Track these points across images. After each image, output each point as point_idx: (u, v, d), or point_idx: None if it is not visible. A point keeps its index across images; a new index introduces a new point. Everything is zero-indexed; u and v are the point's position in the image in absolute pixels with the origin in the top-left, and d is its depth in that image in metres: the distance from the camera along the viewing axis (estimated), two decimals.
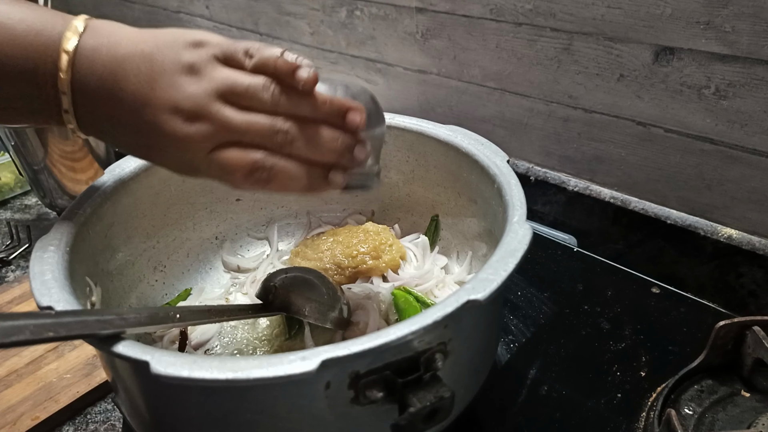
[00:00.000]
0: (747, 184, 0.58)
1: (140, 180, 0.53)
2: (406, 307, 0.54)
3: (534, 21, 0.65)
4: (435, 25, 0.75)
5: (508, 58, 0.70)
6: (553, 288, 0.64)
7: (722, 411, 0.47)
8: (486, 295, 0.34)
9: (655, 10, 0.56)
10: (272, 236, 0.67)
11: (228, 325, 0.55)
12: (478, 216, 0.55)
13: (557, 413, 0.50)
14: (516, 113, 0.73)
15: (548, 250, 0.70)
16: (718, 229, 0.61)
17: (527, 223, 0.41)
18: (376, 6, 0.81)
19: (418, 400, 0.32)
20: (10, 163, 0.86)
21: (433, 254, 0.61)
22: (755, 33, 0.52)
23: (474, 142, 0.53)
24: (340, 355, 0.30)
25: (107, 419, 0.52)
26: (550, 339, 0.57)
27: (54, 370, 0.54)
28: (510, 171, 0.48)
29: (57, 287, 0.37)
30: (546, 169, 0.74)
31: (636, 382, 0.52)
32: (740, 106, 0.55)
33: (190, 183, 0.59)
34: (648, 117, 0.62)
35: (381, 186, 0.52)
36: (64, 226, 0.43)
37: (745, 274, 0.60)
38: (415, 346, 0.34)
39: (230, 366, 0.29)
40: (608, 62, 0.62)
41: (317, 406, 0.34)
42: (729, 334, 0.48)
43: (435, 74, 0.79)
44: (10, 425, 0.49)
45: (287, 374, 0.29)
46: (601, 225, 0.70)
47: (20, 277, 0.70)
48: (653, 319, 0.59)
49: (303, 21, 0.93)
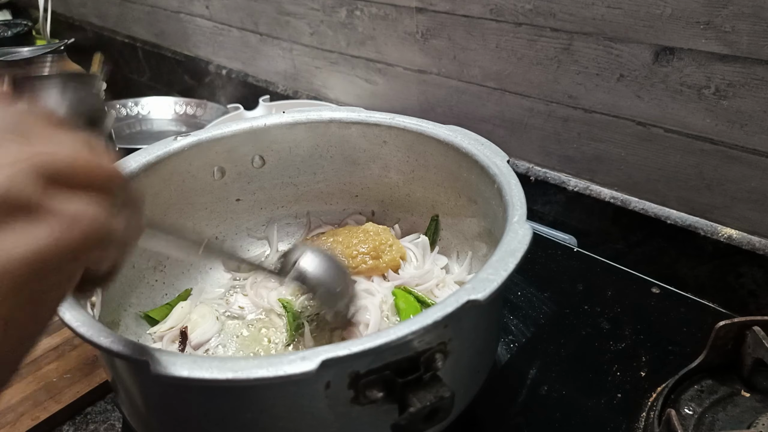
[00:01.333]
0: (747, 184, 0.58)
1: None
2: (406, 306, 0.54)
3: (534, 21, 0.65)
4: (435, 25, 0.75)
5: (508, 58, 0.70)
6: (553, 288, 0.64)
7: (722, 411, 0.47)
8: (486, 295, 0.34)
9: (655, 10, 0.56)
10: (272, 236, 0.66)
11: (229, 325, 0.55)
12: (478, 216, 0.55)
13: (557, 413, 0.50)
14: (516, 113, 0.73)
15: (548, 250, 0.70)
16: (718, 229, 0.61)
17: (527, 223, 0.41)
18: (376, 6, 0.81)
19: (418, 400, 0.32)
20: None
21: (433, 254, 0.61)
22: (755, 33, 0.52)
23: (474, 142, 0.53)
24: (340, 354, 0.30)
25: (107, 419, 0.52)
26: (550, 339, 0.57)
27: (54, 370, 0.54)
28: (510, 171, 0.48)
29: None
30: (546, 169, 0.74)
31: (636, 382, 0.52)
32: (740, 106, 0.55)
33: (190, 183, 0.59)
34: (648, 117, 0.62)
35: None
36: None
37: (745, 274, 0.60)
38: (415, 346, 0.34)
39: (230, 366, 0.29)
40: (608, 62, 0.62)
41: (317, 405, 0.34)
42: (729, 334, 0.48)
43: (435, 74, 0.79)
44: (10, 425, 0.49)
45: (287, 374, 0.29)
46: (601, 225, 0.70)
47: None
48: (653, 319, 0.59)
49: (303, 21, 0.93)
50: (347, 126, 0.61)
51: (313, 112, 0.61)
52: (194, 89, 1.24)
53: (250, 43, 1.06)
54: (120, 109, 1.16)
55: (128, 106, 1.17)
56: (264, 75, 1.09)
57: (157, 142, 0.56)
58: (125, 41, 1.36)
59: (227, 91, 1.17)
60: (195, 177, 0.59)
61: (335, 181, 0.65)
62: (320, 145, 0.63)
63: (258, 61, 1.08)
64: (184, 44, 1.22)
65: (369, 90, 0.90)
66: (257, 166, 0.62)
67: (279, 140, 0.62)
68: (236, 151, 0.60)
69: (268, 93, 1.03)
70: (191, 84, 1.24)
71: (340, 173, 0.65)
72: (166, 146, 0.55)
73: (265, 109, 0.94)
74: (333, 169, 0.64)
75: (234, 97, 1.14)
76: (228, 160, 0.60)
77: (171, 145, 0.56)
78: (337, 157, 0.63)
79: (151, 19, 1.26)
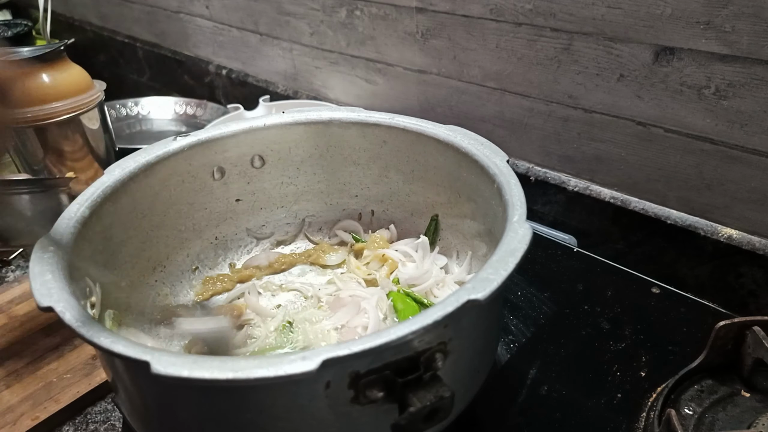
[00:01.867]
0: (747, 184, 0.58)
1: (140, 180, 0.53)
2: (404, 308, 0.54)
3: (534, 21, 0.65)
4: (435, 25, 0.75)
5: (508, 58, 0.70)
6: (553, 288, 0.64)
7: (722, 411, 0.47)
8: (486, 295, 0.34)
9: (655, 10, 0.56)
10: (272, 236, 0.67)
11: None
12: (477, 216, 0.55)
13: (557, 413, 0.50)
14: (516, 113, 0.73)
15: (548, 250, 0.70)
16: (718, 229, 0.61)
17: (527, 223, 0.41)
18: (376, 6, 0.81)
19: (418, 400, 0.32)
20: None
21: (433, 254, 0.61)
22: (755, 33, 0.52)
23: (474, 141, 0.53)
24: (340, 354, 0.30)
25: (107, 419, 0.52)
26: (550, 339, 0.57)
27: (54, 370, 0.54)
28: (510, 171, 0.48)
29: (57, 287, 0.37)
30: (546, 169, 0.74)
31: (636, 382, 0.52)
32: (740, 106, 0.55)
33: (190, 183, 0.59)
34: (648, 117, 0.62)
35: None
36: (64, 227, 0.43)
37: (745, 274, 0.60)
38: (415, 345, 0.34)
39: (230, 366, 0.29)
40: (608, 62, 0.62)
41: (317, 405, 0.34)
42: (729, 334, 0.48)
43: (435, 74, 0.79)
44: (10, 425, 0.49)
45: (287, 374, 0.29)
46: (601, 225, 0.70)
47: (20, 277, 0.70)
48: (653, 319, 0.59)
49: (303, 21, 0.93)
50: (347, 126, 0.61)
51: (312, 112, 0.61)
52: (194, 89, 1.24)
53: (250, 43, 1.06)
54: (120, 109, 1.16)
55: (128, 106, 1.17)
56: (264, 75, 1.09)
57: (156, 142, 0.56)
58: (125, 41, 1.36)
59: (227, 91, 1.17)
60: (195, 177, 0.59)
61: (335, 181, 0.65)
62: (320, 145, 0.63)
63: (258, 61, 1.08)
64: (184, 44, 1.22)
65: (369, 90, 0.90)
66: (257, 166, 0.62)
67: (279, 140, 0.62)
68: (236, 151, 0.60)
69: (268, 93, 1.03)
70: (191, 84, 1.24)
71: (340, 173, 0.65)
72: (166, 146, 0.55)
73: (265, 109, 0.94)
74: (333, 169, 0.64)
75: (234, 97, 1.14)
76: (228, 161, 0.61)
77: (171, 145, 0.56)
78: (336, 157, 0.63)
79: (151, 19, 1.26)
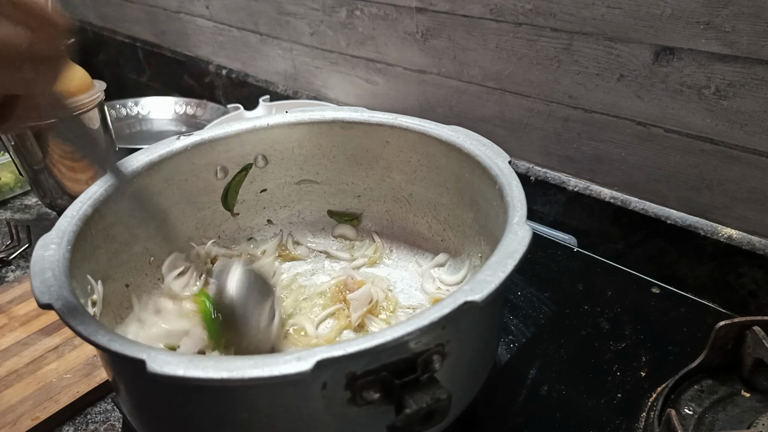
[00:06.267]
0: (747, 184, 0.58)
1: (142, 179, 0.53)
2: None
3: (534, 21, 0.65)
4: (435, 25, 0.75)
5: (508, 58, 0.70)
6: (553, 288, 0.64)
7: (722, 411, 0.47)
8: (484, 297, 0.34)
9: (655, 10, 0.56)
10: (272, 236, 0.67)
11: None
12: (479, 217, 0.55)
13: (557, 413, 0.50)
14: (516, 113, 0.73)
15: (548, 250, 0.70)
16: (718, 229, 0.61)
17: (527, 224, 0.40)
18: (376, 6, 0.81)
19: (414, 402, 0.32)
20: (10, 163, 0.86)
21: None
22: (755, 33, 0.51)
23: (476, 142, 0.53)
24: (335, 355, 0.30)
25: (107, 419, 0.52)
26: (550, 339, 0.57)
27: (54, 370, 0.55)
28: (511, 172, 0.48)
29: (57, 285, 0.37)
30: (546, 169, 0.74)
31: (636, 382, 0.52)
32: (740, 106, 0.55)
33: (193, 183, 0.59)
34: (648, 117, 0.62)
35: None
36: (66, 225, 0.43)
37: (745, 274, 0.60)
38: (412, 347, 0.33)
39: (225, 365, 0.29)
40: (608, 62, 0.62)
41: (314, 406, 0.34)
42: (729, 334, 0.48)
43: (435, 74, 0.79)
44: (10, 425, 0.49)
45: (282, 374, 0.29)
46: (601, 225, 0.70)
47: (20, 277, 0.70)
48: (653, 319, 0.59)
49: (303, 21, 0.93)
50: (350, 126, 0.61)
51: (316, 111, 0.61)
52: (194, 89, 1.24)
53: (250, 43, 1.06)
54: (120, 109, 1.16)
55: (128, 106, 1.17)
56: (264, 75, 1.09)
57: (159, 142, 0.56)
58: (125, 41, 1.36)
59: (227, 91, 1.17)
60: (198, 176, 0.59)
61: (338, 181, 0.65)
62: (323, 145, 0.62)
63: (258, 61, 1.08)
64: (184, 44, 1.23)
65: (369, 90, 0.90)
66: (260, 166, 0.62)
67: (282, 140, 0.62)
68: (239, 150, 0.60)
69: (268, 93, 1.03)
70: (191, 84, 1.24)
71: (343, 173, 0.64)
72: (169, 146, 0.55)
73: (265, 109, 0.94)
74: (336, 170, 0.64)
75: (234, 97, 1.14)
76: (231, 160, 0.61)
77: (174, 144, 0.56)
78: (339, 158, 0.63)
79: (151, 19, 1.26)
